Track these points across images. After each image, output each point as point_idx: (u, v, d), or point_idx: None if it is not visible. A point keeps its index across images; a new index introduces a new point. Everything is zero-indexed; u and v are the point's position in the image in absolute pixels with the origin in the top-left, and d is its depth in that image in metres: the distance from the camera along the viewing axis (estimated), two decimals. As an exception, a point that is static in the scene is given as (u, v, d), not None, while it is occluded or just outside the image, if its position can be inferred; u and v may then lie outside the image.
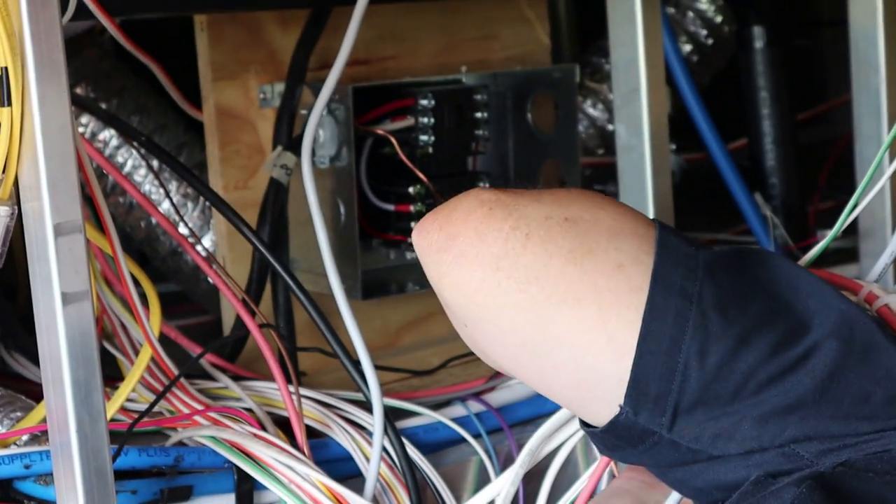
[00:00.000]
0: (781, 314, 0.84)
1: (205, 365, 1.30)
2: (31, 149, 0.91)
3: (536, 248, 0.85)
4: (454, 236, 0.87)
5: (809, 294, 0.86)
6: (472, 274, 0.86)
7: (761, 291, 0.85)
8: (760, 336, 0.83)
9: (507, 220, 0.86)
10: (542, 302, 0.85)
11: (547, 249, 0.85)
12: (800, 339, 0.83)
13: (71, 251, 0.92)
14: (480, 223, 0.86)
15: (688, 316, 0.82)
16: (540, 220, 0.86)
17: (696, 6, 1.79)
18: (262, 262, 1.35)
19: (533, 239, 0.86)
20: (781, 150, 1.69)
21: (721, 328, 0.82)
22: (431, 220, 0.89)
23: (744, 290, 0.85)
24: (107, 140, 1.48)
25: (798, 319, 0.84)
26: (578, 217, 0.87)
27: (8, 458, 1.10)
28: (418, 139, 1.38)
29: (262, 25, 1.39)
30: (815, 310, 0.85)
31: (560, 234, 0.86)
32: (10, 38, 0.90)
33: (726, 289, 0.84)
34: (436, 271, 0.88)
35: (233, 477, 1.14)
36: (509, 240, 0.86)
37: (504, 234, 0.86)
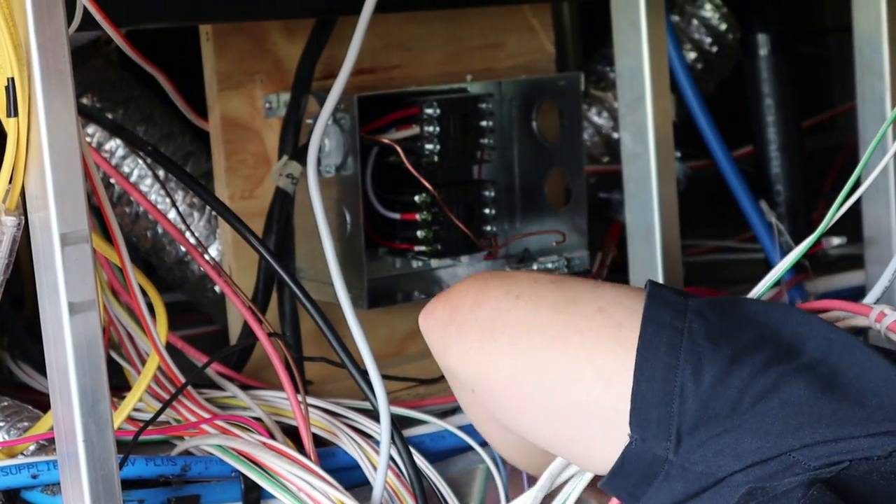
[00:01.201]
0: (771, 339, 0.88)
1: (212, 374, 1.31)
2: (37, 159, 0.91)
3: (526, 305, 0.94)
4: (456, 309, 0.97)
5: (799, 323, 0.90)
6: (472, 337, 0.96)
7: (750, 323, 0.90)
8: (751, 355, 0.86)
9: (501, 287, 0.96)
10: (534, 350, 0.92)
11: (535, 305, 0.94)
12: (792, 358, 0.87)
13: (78, 261, 0.93)
14: (478, 293, 0.97)
15: (679, 345, 0.87)
16: (529, 282, 0.96)
17: (701, 14, 1.79)
18: (269, 271, 1.35)
19: (523, 298, 0.94)
20: (786, 157, 1.69)
21: (712, 352, 0.87)
22: (435, 301, 1.00)
23: (732, 324, 0.89)
24: (113, 150, 1.48)
25: (788, 343, 0.88)
26: (563, 278, 0.98)
27: (15, 467, 1.10)
28: (424, 148, 1.38)
29: (267, 35, 1.40)
30: (805, 335, 0.89)
31: (547, 291, 0.95)
32: (16, 48, 0.90)
33: (715, 323, 0.89)
34: (441, 343, 0.99)
35: (240, 486, 1.14)
36: (503, 302, 0.95)
37: (498, 299, 0.95)
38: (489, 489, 1.26)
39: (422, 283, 1.45)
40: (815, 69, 2.53)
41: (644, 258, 1.35)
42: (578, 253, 1.51)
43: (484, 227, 1.43)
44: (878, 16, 1.49)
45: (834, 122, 2.34)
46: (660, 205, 1.35)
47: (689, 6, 1.80)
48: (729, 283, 1.71)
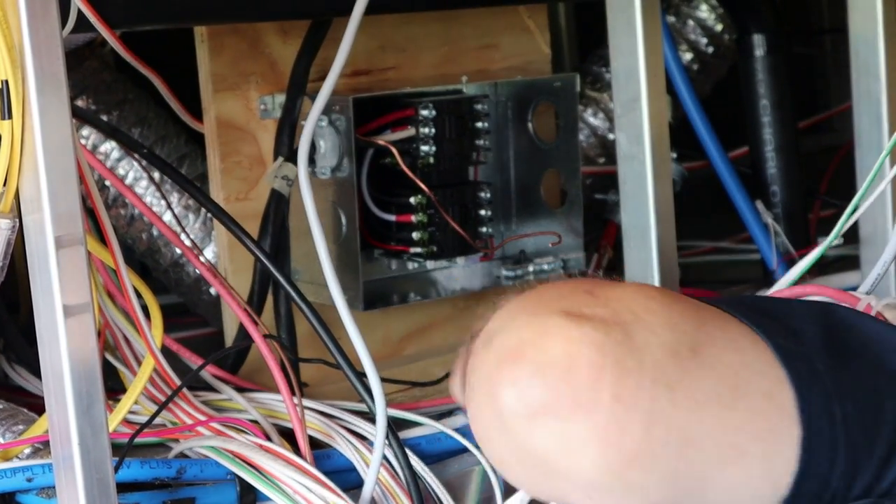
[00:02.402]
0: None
1: (207, 377, 1.30)
2: (31, 161, 0.91)
3: (685, 400, 0.73)
4: (590, 405, 0.72)
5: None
6: (620, 445, 0.72)
7: (877, 377, 0.78)
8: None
9: (644, 372, 0.72)
10: (702, 464, 0.73)
11: (696, 399, 0.73)
12: None
13: (72, 263, 0.93)
14: (617, 386, 0.72)
15: (837, 445, 0.75)
16: (670, 358, 0.73)
17: (697, 15, 1.79)
18: (264, 273, 1.35)
19: (678, 390, 0.73)
20: (783, 158, 1.69)
21: (867, 453, 0.75)
22: (531, 373, 0.73)
23: (868, 398, 0.77)
24: (108, 153, 1.48)
25: None
26: (696, 339, 0.75)
27: (10, 471, 1.09)
28: (419, 149, 1.38)
29: (262, 37, 1.39)
30: None
31: (700, 374, 0.73)
32: (10, 50, 0.90)
33: (853, 395, 0.76)
34: (558, 443, 0.73)
35: (235, 488, 1.14)
36: (656, 399, 0.72)
37: (647, 390, 0.72)
38: (485, 491, 1.26)
39: (418, 284, 1.45)
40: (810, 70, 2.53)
41: (640, 259, 1.35)
42: (574, 254, 1.51)
43: (480, 228, 1.43)
44: (874, 16, 1.49)
45: (829, 123, 2.34)
46: (656, 206, 1.34)
47: (684, 7, 1.80)
48: (724, 284, 1.71)
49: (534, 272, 1.49)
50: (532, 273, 1.49)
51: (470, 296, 1.52)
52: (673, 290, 1.33)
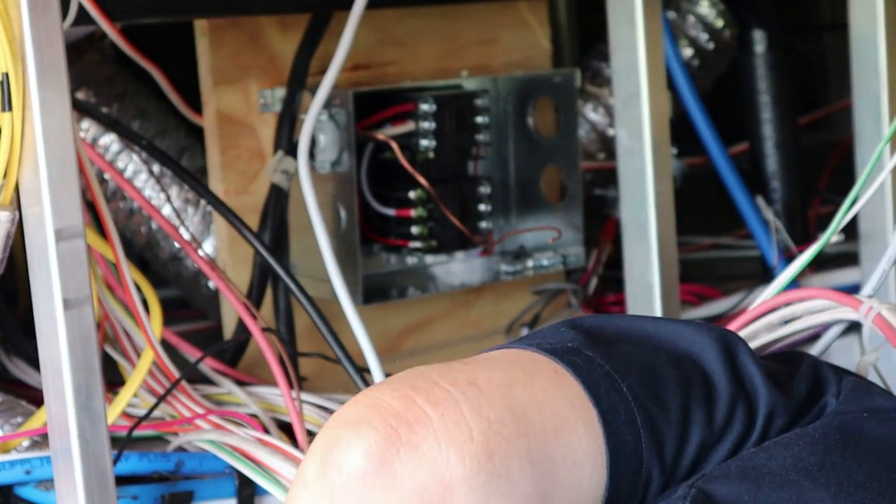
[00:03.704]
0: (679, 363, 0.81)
1: (206, 370, 1.30)
2: (31, 154, 0.91)
3: (492, 387, 0.75)
4: (421, 422, 0.73)
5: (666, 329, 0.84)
6: (471, 438, 0.73)
7: (657, 350, 0.82)
8: (694, 411, 0.80)
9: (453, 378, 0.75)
10: (541, 434, 0.75)
11: (501, 383, 0.75)
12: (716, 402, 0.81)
13: (72, 256, 0.92)
14: (430, 396, 0.73)
15: (634, 418, 0.77)
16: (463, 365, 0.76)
17: (697, 10, 1.79)
18: (263, 266, 1.35)
19: (481, 383, 0.75)
20: (783, 154, 1.69)
21: (663, 417, 0.78)
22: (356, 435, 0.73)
23: (638, 360, 0.80)
24: (107, 146, 1.48)
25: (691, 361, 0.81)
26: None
27: (8, 463, 1.10)
28: (419, 144, 1.38)
29: (262, 30, 1.39)
30: (703, 358, 0.82)
31: (491, 364, 0.77)
32: (11, 43, 0.90)
33: (629, 368, 0.79)
34: (424, 469, 0.72)
35: (234, 482, 1.14)
36: (467, 394, 0.74)
37: (460, 390, 0.74)
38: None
39: (417, 279, 1.45)
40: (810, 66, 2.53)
41: (639, 254, 1.35)
42: (574, 249, 1.51)
43: (479, 223, 1.43)
44: (874, 12, 1.49)
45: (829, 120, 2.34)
46: (655, 201, 1.34)
47: (685, 3, 1.80)
48: (724, 280, 1.71)
49: (533, 267, 1.49)
50: (531, 268, 1.49)
51: (469, 291, 1.52)
52: (673, 285, 1.33)
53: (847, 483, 0.79)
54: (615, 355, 0.79)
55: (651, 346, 0.82)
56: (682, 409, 0.79)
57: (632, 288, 1.35)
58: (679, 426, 0.79)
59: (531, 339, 0.82)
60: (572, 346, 0.79)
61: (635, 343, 0.82)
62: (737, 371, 0.83)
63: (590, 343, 0.80)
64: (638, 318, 0.86)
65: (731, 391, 0.81)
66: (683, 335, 0.83)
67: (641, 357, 0.81)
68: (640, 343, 0.82)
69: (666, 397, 0.79)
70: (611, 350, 0.80)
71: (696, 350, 0.82)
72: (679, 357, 0.82)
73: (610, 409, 0.76)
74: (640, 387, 0.78)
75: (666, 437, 0.78)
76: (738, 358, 0.83)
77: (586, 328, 0.83)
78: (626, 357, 0.80)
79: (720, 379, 0.81)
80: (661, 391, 0.79)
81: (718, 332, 0.84)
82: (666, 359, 0.81)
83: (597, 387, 0.77)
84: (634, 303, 1.35)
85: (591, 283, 1.61)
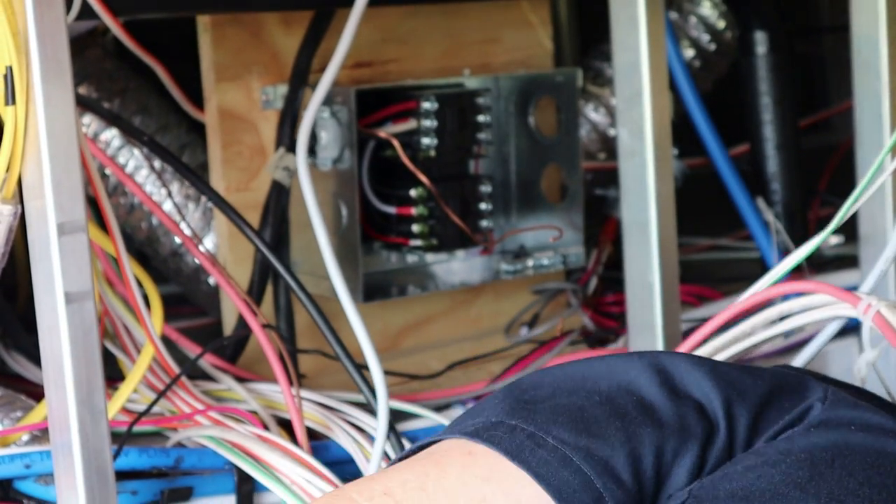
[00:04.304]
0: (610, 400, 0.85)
1: (206, 366, 1.30)
2: (34, 148, 0.91)
3: None
4: None
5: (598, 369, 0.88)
6: None
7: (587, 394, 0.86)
8: (636, 428, 0.83)
9: None
10: None
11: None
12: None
13: (74, 251, 0.92)
14: None
15: (573, 467, 0.80)
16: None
17: (699, 11, 1.79)
18: (264, 263, 1.35)
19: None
20: (783, 156, 1.69)
21: (608, 452, 0.81)
22: None
23: (564, 410, 0.84)
24: (108, 141, 1.48)
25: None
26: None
27: (8, 457, 1.10)
28: (420, 142, 1.38)
29: (264, 27, 1.39)
30: (635, 383, 0.86)
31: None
32: (15, 36, 0.90)
33: (556, 421, 0.83)
34: None
35: (233, 478, 1.14)
36: None
37: None
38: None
39: (417, 277, 1.45)
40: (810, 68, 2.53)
41: (640, 255, 1.35)
42: (574, 249, 1.52)
43: (480, 222, 1.43)
44: (876, 14, 1.49)
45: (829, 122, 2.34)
46: (656, 202, 1.34)
47: (687, 4, 1.80)
48: (723, 282, 1.71)
49: (533, 266, 1.49)
50: (531, 267, 1.49)
51: (469, 289, 1.52)
52: (673, 285, 1.33)
53: (839, 492, 0.80)
54: (540, 415, 0.83)
55: (583, 393, 0.85)
56: (620, 431, 0.82)
57: (632, 288, 1.35)
58: (625, 445, 0.81)
59: (461, 422, 0.86)
60: (495, 422, 0.83)
61: (568, 393, 0.86)
62: (673, 383, 0.86)
63: (516, 411, 0.84)
64: (573, 365, 0.89)
65: (672, 404, 0.84)
66: (615, 370, 0.87)
67: (570, 405, 0.84)
68: (573, 392, 0.86)
69: (600, 429, 0.82)
70: (536, 411, 0.84)
71: (628, 379, 0.86)
72: (613, 393, 0.85)
73: (539, 462, 0.80)
74: (569, 432, 0.81)
75: (615, 460, 0.81)
76: (672, 371, 0.86)
77: (520, 393, 0.87)
78: (552, 412, 0.83)
79: (657, 398, 0.84)
80: (594, 426, 0.82)
81: (649, 357, 0.88)
82: (597, 399, 0.84)
83: (521, 450, 0.81)
84: (634, 303, 1.35)
85: (591, 282, 1.61)
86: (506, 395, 0.87)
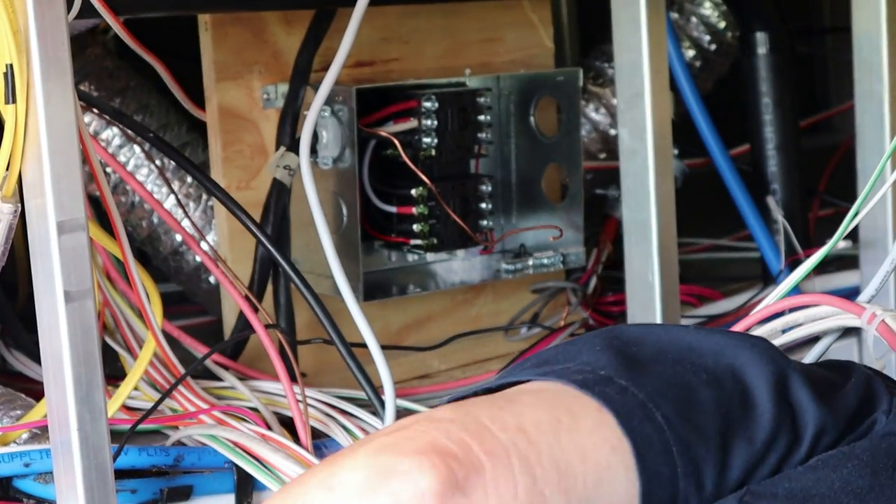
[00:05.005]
0: (719, 381, 0.81)
1: (208, 364, 1.30)
2: (35, 146, 0.91)
3: (536, 447, 0.75)
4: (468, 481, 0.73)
5: (716, 352, 0.83)
6: (516, 495, 0.74)
7: (693, 369, 0.81)
8: (735, 435, 0.79)
9: (493, 442, 0.74)
10: (582, 487, 0.76)
11: (541, 439, 0.75)
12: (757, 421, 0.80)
13: (74, 249, 0.92)
14: (471, 462, 0.73)
15: (668, 447, 0.77)
16: (502, 432, 0.75)
17: (700, 12, 1.79)
18: (264, 261, 1.35)
19: (528, 448, 0.75)
20: (784, 157, 1.69)
21: (701, 444, 0.78)
22: None
23: (674, 384, 0.80)
24: (109, 140, 1.48)
25: (741, 390, 0.81)
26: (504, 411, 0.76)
27: (7, 456, 1.09)
28: (421, 141, 1.38)
29: (266, 26, 1.39)
30: (745, 373, 0.81)
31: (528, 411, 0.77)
32: (15, 34, 0.90)
33: (665, 395, 0.79)
34: None
35: (233, 477, 1.14)
36: (515, 446, 0.75)
37: (503, 447, 0.74)
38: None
39: (417, 276, 1.45)
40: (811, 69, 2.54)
41: (640, 255, 1.35)
42: (574, 249, 1.51)
43: (480, 221, 1.43)
44: (878, 15, 1.49)
45: (829, 122, 2.34)
46: (657, 202, 1.34)
47: (688, 4, 1.80)
48: (723, 282, 1.71)
49: (533, 266, 1.49)
50: (531, 266, 1.49)
51: (469, 288, 1.52)
52: (673, 285, 1.34)
53: None
54: (650, 380, 0.79)
55: (689, 365, 0.81)
56: (720, 434, 0.79)
57: (632, 288, 1.35)
58: (718, 452, 0.78)
59: (564, 363, 0.81)
60: (605, 375, 0.79)
61: (673, 361, 0.81)
62: (782, 386, 0.82)
63: (624, 368, 0.80)
64: (679, 330, 0.85)
65: (774, 409, 0.80)
66: (726, 349, 0.83)
67: (678, 380, 0.80)
68: (678, 361, 0.81)
69: (704, 423, 0.78)
70: (646, 374, 0.80)
71: (738, 364, 0.82)
72: (719, 374, 0.81)
73: (644, 441, 0.76)
74: (675, 414, 0.78)
75: (704, 465, 0.78)
76: (783, 372, 0.82)
77: (622, 345, 0.82)
78: (661, 382, 0.79)
79: (762, 396, 0.80)
80: (699, 416, 0.78)
81: (763, 347, 0.83)
82: (705, 378, 0.80)
83: (630, 419, 0.77)
84: (634, 302, 1.35)
85: (591, 282, 1.61)
86: (605, 342, 0.82)
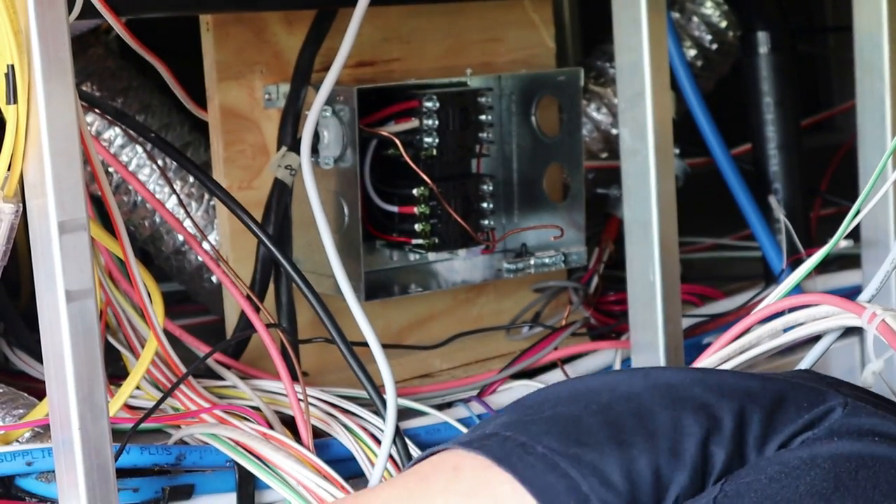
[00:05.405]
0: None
1: (210, 363, 1.30)
2: (36, 146, 0.91)
3: None
4: None
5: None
6: None
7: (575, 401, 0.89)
8: (631, 435, 0.86)
9: None
10: None
11: None
12: None
13: (75, 249, 0.93)
14: None
15: (560, 473, 0.84)
16: None
17: (701, 11, 1.79)
18: (266, 261, 1.35)
19: None
20: (785, 156, 1.69)
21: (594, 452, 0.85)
22: None
23: (558, 419, 0.88)
24: (111, 140, 1.48)
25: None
26: None
27: (10, 454, 1.10)
28: (422, 141, 1.38)
29: (267, 26, 1.40)
30: (635, 395, 0.89)
31: None
32: (16, 35, 0.90)
33: (548, 431, 0.87)
34: None
35: (235, 476, 1.14)
36: None
37: None
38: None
39: (419, 276, 1.45)
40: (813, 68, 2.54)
41: (641, 254, 1.35)
42: (576, 248, 1.52)
43: (482, 221, 1.43)
44: (879, 15, 1.49)
45: (831, 122, 2.34)
46: (658, 201, 1.34)
47: (689, 3, 1.80)
48: (725, 281, 1.71)
49: (535, 265, 1.49)
50: (533, 266, 1.49)
51: (470, 288, 1.52)
52: (674, 284, 1.34)
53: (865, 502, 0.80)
54: (534, 426, 0.87)
55: (582, 403, 0.89)
56: (612, 439, 0.85)
57: (633, 287, 1.35)
58: (615, 450, 0.84)
59: (465, 435, 0.91)
60: (489, 433, 0.87)
61: (567, 404, 0.89)
62: (676, 392, 0.88)
63: (513, 424, 0.88)
64: (580, 379, 0.95)
65: (669, 409, 0.87)
66: (619, 382, 0.90)
67: (566, 416, 0.88)
68: (572, 403, 0.89)
69: (592, 437, 0.85)
70: (531, 422, 0.88)
71: (631, 390, 0.89)
72: (612, 401, 0.88)
73: (525, 466, 0.84)
74: (559, 441, 0.85)
75: (604, 464, 0.83)
76: (678, 382, 0.89)
77: (521, 410, 0.91)
78: (546, 423, 0.87)
79: (656, 403, 0.87)
80: (586, 435, 0.85)
81: (656, 372, 0.91)
82: (594, 409, 0.88)
83: (508, 456, 0.85)
84: (636, 302, 1.35)
85: (593, 281, 1.61)
86: (510, 411, 0.91)
